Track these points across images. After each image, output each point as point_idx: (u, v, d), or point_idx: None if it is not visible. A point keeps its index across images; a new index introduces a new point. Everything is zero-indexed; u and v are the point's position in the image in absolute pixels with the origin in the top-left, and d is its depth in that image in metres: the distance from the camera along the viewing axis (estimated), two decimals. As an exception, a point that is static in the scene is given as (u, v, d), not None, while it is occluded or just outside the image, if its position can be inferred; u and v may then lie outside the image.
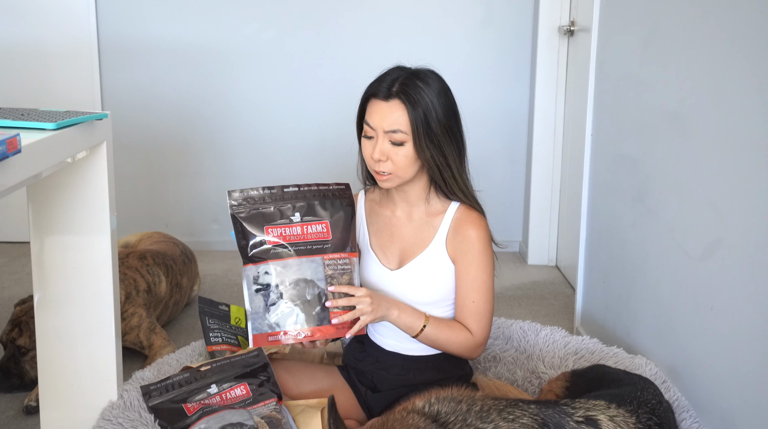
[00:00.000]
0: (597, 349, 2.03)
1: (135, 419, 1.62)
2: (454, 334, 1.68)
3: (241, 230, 1.56)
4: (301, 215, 1.57)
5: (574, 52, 3.29)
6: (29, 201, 1.70)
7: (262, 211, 1.56)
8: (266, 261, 1.54)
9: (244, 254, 1.56)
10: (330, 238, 1.57)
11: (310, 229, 1.56)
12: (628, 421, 1.39)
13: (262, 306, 1.53)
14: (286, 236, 1.55)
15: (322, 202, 1.59)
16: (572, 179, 3.28)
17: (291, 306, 1.52)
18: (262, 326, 1.52)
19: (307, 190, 1.59)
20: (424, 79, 1.65)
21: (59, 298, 1.73)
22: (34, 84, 3.56)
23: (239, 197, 1.57)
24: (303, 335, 1.53)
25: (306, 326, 1.52)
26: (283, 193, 1.58)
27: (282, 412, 1.61)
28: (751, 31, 1.53)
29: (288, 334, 1.52)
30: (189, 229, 3.72)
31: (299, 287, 1.53)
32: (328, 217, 1.58)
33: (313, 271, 1.55)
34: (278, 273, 1.53)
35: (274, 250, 1.54)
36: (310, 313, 1.53)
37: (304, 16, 3.53)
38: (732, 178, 1.60)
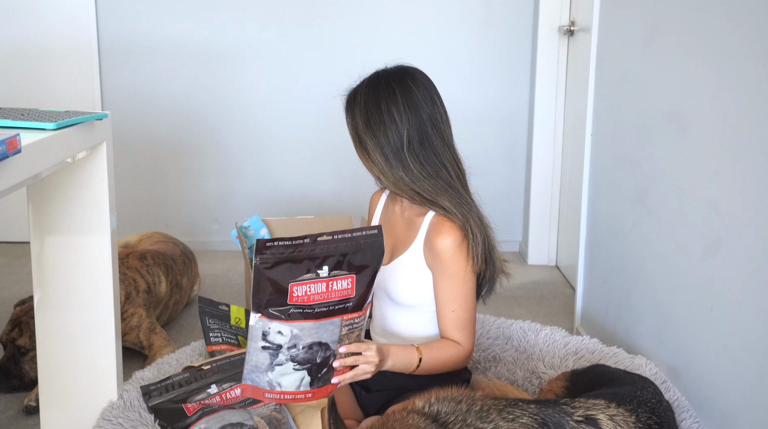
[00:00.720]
0: (597, 349, 2.03)
1: (135, 419, 1.62)
2: (446, 353, 1.65)
3: (259, 282, 1.36)
4: (329, 269, 1.39)
5: (574, 52, 3.29)
6: (29, 201, 1.70)
7: (288, 264, 1.36)
8: (282, 320, 1.37)
9: (257, 304, 1.37)
10: (353, 295, 1.41)
11: (334, 286, 1.39)
12: (628, 420, 1.39)
13: (265, 363, 1.38)
14: (310, 296, 1.37)
15: (353, 253, 1.41)
16: (572, 179, 3.28)
17: (300, 370, 1.40)
18: (260, 381, 1.40)
19: (339, 238, 1.40)
20: (365, 81, 1.71)
21: (59, 298, 1.73)
22: (34, 84, 3.57)
23: (269, 244, 1.36)
24: (302, 397, 1.43)
25: (308, 388, 1.42)
26: (315, 244, 1.38)
27: (282, 412, 1.61)
28: (751, 31, 1.53)
29: (286, 396, 1.41)
30: (189, 229, 3.72)
31: (311, 351, 1.40)
32: (355, 271, 1.41)
33: (329, 334, 1.41)
34: (293, 336, 1.37)
35: (294, 311, 1.36)
36: (316, 376, 1.42)
37: (304, 16, 3.53)
38: (732, 178, 1.60)
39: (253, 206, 3.67)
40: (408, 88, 1.65)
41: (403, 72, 1.68)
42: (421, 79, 1.68)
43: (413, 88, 1.65)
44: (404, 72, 1.68)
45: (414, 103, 1.64)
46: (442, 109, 1.70)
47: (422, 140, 1.64)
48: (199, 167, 3.69)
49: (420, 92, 1.65)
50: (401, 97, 1.63)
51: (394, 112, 1.63)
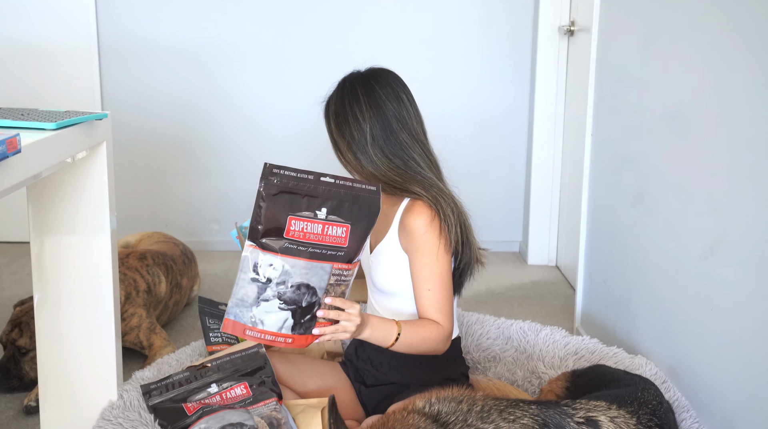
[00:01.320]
0: (597, 349, 2.03)
1: (135, 419, 1.62)
2: (426, 331, 1.66)
3: (260, 209, 1.41)
4: (327, 212, 1.43)
5: (574, 52, 3.29)
6: (29, 201, 1.70)
7: (293, 195, 1.41)
8: (275, 253, 1.40)
9: (253, 234, 1.41)
10: (345, 245, 1.44)
11: (330, 231, 1.43)
12: (629, 422, 1.39)
13: (252, 297, 1.40)
14: (306, 234, 1.41)
15: (351, 203, 1.45)
16: (572, 179, 3.28)
17: (285, 310, 1.41)
18: (243, 316, 1.41)
19: (341, 184, 1.44)
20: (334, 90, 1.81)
21: (59, 298, 1.73)
22: (34, 84, 3.56)
23: (275, 171, 1.42)
24: (282, 341, 1.42)
25: (289, 332, 1.43)
26: (318, 182, 1.43)
27: (282, 412, 1.61)
28: (751, 31, 1.53)
29: (267, 336, 1.41)
30: (189, 229, 3.72)
31: (299, 292, 1.42)
32: (350, 222, 1.45)
33: (318, 279, 1.43)
34: (284, 272, 1.40)
35: (289, 245, 1.40)
36: (299, 321, 1.43)
37: (304, 17, 3.53)
38: (732, 178, 1.60)
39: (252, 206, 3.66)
40: (371, 88, 1.72)
41: (370, 74, 1.76)
42: (386, 79, 1.75)
43: (376, 87, 1.72)
44: (370, 74, 1.76)
45: (376, 102, 1.70)
46: (410, 107, 1.76)
47: (387, 136, 1.70)
48: (199, 167, 3.69)
49: (383, 91, 1.72)
50: (363, 98, 1.71)
51: (357, 113, 1.70)
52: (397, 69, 3.92)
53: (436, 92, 3.61)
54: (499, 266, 3.53)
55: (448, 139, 3.65)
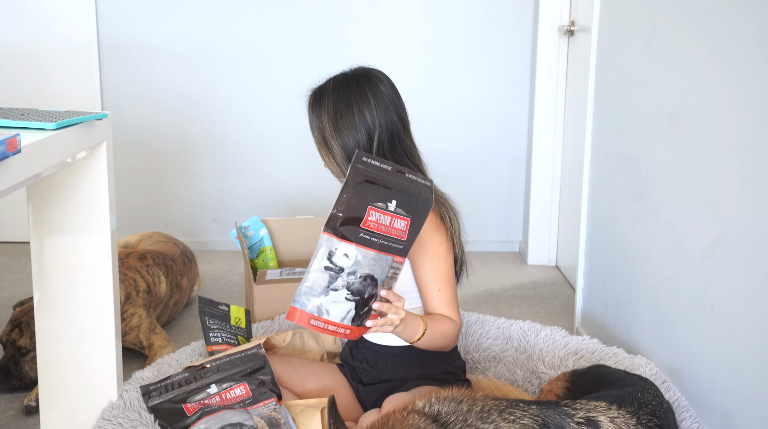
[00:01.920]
0: (597, 349, 2.03)
1: (135, 419, 1.62)
2: (444, 326, 1.68)
3: (343, 197, 1.40)
4: (396, 205, 1.43)
5: (574, 52, 3.29)
6: (29, 201, 1.70)
7: (374, 185, 1.41)
8: (351, 242, 1.40)
9: (332, 221, 1.40)
10: (405, 238, 1.45)
11: (395, 224, 1.43)
12: (629, 422, 1.39)
13: (323, 285, 1.40)
14: (379, 225, 1.41)
15: (415, 197, 1.46)
16: (572, 179, 3.28)
17: (351, 300, 1.41)
18: (309, 304, 1.40)
19: (408, 178, 1.46)
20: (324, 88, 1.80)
21: (59, 298, 1.73)
22: (34, 84, 3.56)
23: (365, 159, 1.43)
24: (342, 331, 1.43)
25: (349, 324, 1.43)
26: (394, 174, 1.43)
27: (282, 413, 1.61)
28: (751, 31, 1.53)
29: (330, 326, 1.41)
30: (189, 229, 3.72)
31: (365, 283, 1.42)
32: (410, 216, 1.46)
33: (381, 271, 1.44)
34: (356, 262, 1.40)
35: (363, 235, 1.40)
36: (359, 312, 1.44)
37: (304, 16, 3.53)
38: (732, 178, 1.60)
39: (252, 206, 3.67)
40: (378, 89, 1.68)
41: (371, 74, 1.71)
42: (388, 81, 1.72)
43: (383, 89, 1.68)
44: (371, 74, 1.71)
45: (385, 105, 1.67)
46: (405, 110, 1.74)
47: (393, 141, 1.68)
48: (199, 167, 3.69)
49: (389, 93, 1.69)
50: (373, 99, 1.66)
51: (366, 115, 1.66)
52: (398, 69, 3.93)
53: (436, 92, 3.61)
54: (499, 266, 3.53)
55: (448, 139, 3.65)
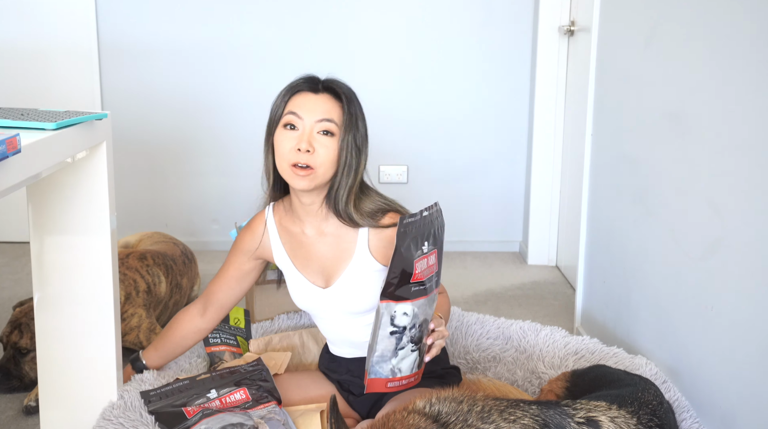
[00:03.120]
0: (597, 349, 2.03)
1: (135, 419, 1.62)
2: (446, 304, 1.72)
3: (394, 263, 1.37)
4: (428, 245, 1.41)
5: (574, 52, 3.29)
6: (29, 201, 1.70)
7: (410, 239, 1.38)
8: (407, 300, 1.39)
9: (388, 289, 1.38)
10: (437, 269, 1.44)
11: (430, 261, 1.42)
12: (629, 422, 1.39)
13: (391, 350, 1.41)
14: (422, 271, 1.40)
15: (436, 228, 1.44)
16: (572, 179, 3.28)
17: (414, 351, 1.42)
18: (383, 370, 1.42)
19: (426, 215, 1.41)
20: (346, 85, 1.68)
21: (59, 298, 1.73)
22: (34, 84, 3.56)
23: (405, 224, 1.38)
24: (414, 380, 1.45)
25: (416, 369, 1.45)
26: (422, 218, 1.40)
27: (282, 414, 1.61)
28: (751, 30, 1.53)
29: (403, 381, 1.43)
30: (189, 229, 3.72)
31: (422, 329, 1.43)
32: (436, 247, 1.44)
33: (430, 309, 1.44)
34: (414, 315, 1.40)
35: (415, 289, 1.40)
36: (420, 356, 1.45)
37: (303, 16, 3.53)
38: (732, 178, 1.60)
39: (252, 206, 3.66)
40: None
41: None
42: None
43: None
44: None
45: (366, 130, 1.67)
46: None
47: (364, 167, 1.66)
48: (199, 167, 3.69)
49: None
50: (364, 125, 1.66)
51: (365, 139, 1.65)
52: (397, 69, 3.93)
53: (435, 92, 3.61)
54: (499, 266, 3.53)
55: (449, 139, 3.65)
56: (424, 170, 3.70)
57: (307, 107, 1.60)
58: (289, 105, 1.63)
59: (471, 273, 3.42)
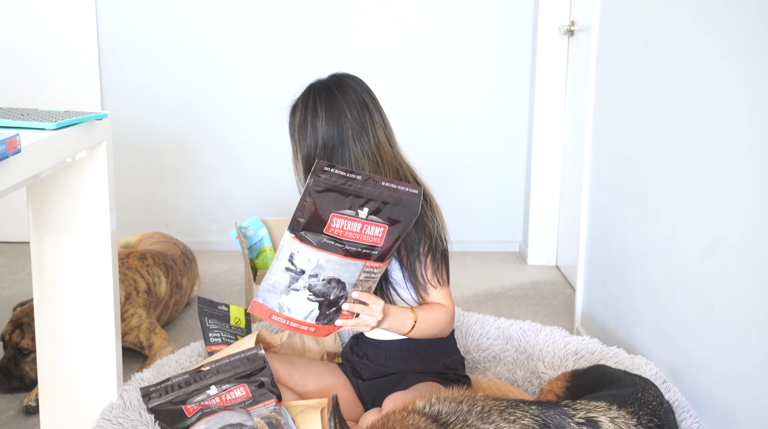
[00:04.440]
0: (597, 349, 2.03)
1: (135, 419, 1.62)
2: (437, 315, 1.69)
3: (305, 203, 1.43)
4: (368, 212, 1.45)
5: (574, 52, 3.29)
6: (29, 201, 1.70)
7: (336, 193, 1.43)
8: (313, 246, 1.42)
9: (294, 225, 1.42)
10: (380, 244, 1.47)
11: (367, 230, 1.45)
12: (629, 422, 1.39)
13: (283, 285, 1.43)
14: (345, 232, 1.43)
15: (393, 204, 1.47)
16: (572, 179, 3.28)
17: (313, 301, 1.44)
18: (271, 301, 1.44)
19: (386, 186, 1.47)
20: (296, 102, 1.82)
21: (59, 298, 1.73)
22: (34, 84, 3.57)
23: (326, 169, 1.44)
24: (305, 329, 1.46)
25: (313, 322, 1.46)
26: (365, 183, 1.45)
27: (282, 413, 1.61)
28: (751, 31, 1.53)
29: (292, 322, 1.45)
30: (189, 229, 3.72)
31: (329, 286, 1.45)
32: (388, 223, 1.47)
33: (350, 275, 1.46)
34: (318, 265, 1.42)
35: (327, 241, 1.42)
36: (324, 312, 1.46)
37: (303, 17, 3.53)
38: (732, 178, 1.60)
39: (253, 206, 3.66)
40: (333, 98, 1.69)
41: (334, 82, 1.73)
42: (350, 86, 1.71)
43: (339, 97, 1.69)
44: (335, 82, 1.73)
45: (337, 116, 1.67)
46: (376, 113, 1.72)
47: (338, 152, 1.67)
48: (199, 167, 3.69)
49: (346, 99, 1.69)
50: (322, 111, 1.69)
51: (317, 126, 1.69)
52: (397, 69, 3.93)
53: (436, 92, 3.61)
54: (499, 266, 3.53)
55: (449, 138, 3.65)
56: (424, 170, 3.66)
57: None
58: None
59: (471, 273, 3.41)
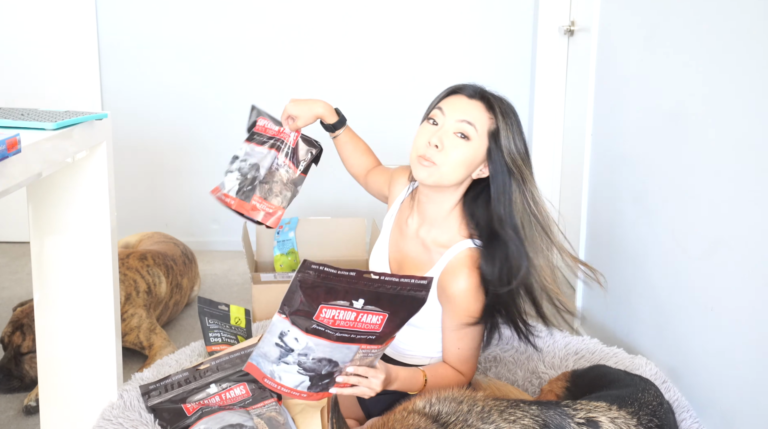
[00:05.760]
0: (597, 349, 2.03)
1: (135, 419, 1.62)
2: (448, 379, 1.65)
3: (293, 293, 1.35)
4: (364, 303, 1.35)
5: (574, 52, 3.29)
6: (29, 201, 1.70)
7: (328, 287, 1.33)
8: (301, 330, 1.35)
9: (284, 307, 1.35)
10: (380, 330, 1.38)
11: (364, 319, 1.35)
12: (629, 422, 1.39)
13: (274, 356, 1.40)
14: (336, 321, 1.34)
15: (394, 296, 1.36)
16: (572, 179, 3.28)
17: (303, 375, 1.41)
18: (264, 367, 1.42)
19: (386, 280, 1.35)
20: (509, 102, 1.69)
21: (59, 298, 1.73)
22: (34, 84, 3.56)
23: (314, 267, 1.33)
24: (297, 394, 1.44)
25: (305, 390, 1.43)
26: (359, 279, 1.34)
27: (282, 413, 1.61)
28: (751, 30, 1.53)
29: (283, 388, 1.42)
30: (189, 229, 3.72)
31: (320, 364, 1.40)
32: (389, 312, 1.37)
33: (342, 356, 1.40)
34: (306, 347, 1.37)
35: (316, 327, 1.35)
36: (317, 384, 1.43)
37: (303, 16, 3.53)
38: (732, 178, 1.60)
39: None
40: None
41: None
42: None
43: None
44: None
45: None
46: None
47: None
48: (199, 167, 3.69)
49: None
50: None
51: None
52: (397, 69, 3.93)
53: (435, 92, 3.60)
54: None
55: (448, 139, 3.65)
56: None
57: (453, 107, 1.63)
58: (441, 102, 1.66)
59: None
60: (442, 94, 1.69)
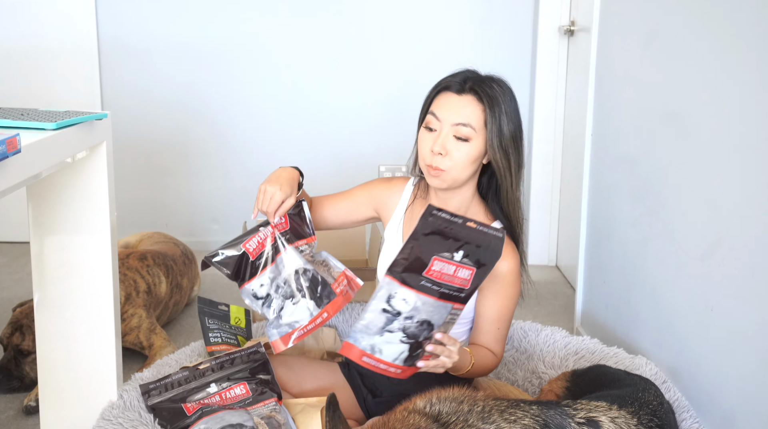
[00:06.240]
0: (597, 349, 2.03)
1: (135, 419, 1.62)
2: (487, 361, 1.68)
3: (410, 246, 1.42)
4: (462, 256, 1.43)
5: (574, 52, 3.29)
6: (29, 201, 1.70)
7: (442, 236, 1.42)
8: (412, 288, 1.40)
9: (395, 267, 1.41)
10: (468, 287, 1.45)
11: (459, 273, 1.43)
12: (630, 422, 1.39)
13: (378, 326, 1.41)
14: (442, 274, 1.42)
15: (483, 247, 1.45)
16: (572, 179, 3.28)
17: (406, 343, 1.42)
18: (363, 341, 1.42)
19: (479, 229, 1.45)
20: (499, 82, 1.67)
21: (59, 298, 1.73)
22: (34, 84, 3.56)
23: (434, 214, 1.45)
24: (393, 371, 1.44)
25: (401, 364, 1.44)
26: (463, 226, 1.44)
27: (282, 413, 1.61)
28: (751, 30, 1.53)
29: (381, 364, 1.43)
30: (189, 229, 3.72)
31: (421, 328, 1.42)
32: (476, 266, 1.45)
33: (439, 316, 1.44)
34: (415, 307, 1.40)
35: (425, 283, 1.41)
36: (412, 354, 1.44)
37: (304, 16, 3.54)
38: (732, 178, 1.60)
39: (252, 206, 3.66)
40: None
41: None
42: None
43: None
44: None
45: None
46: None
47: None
48: (199, 167, 3.69)
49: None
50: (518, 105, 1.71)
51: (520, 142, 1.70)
52: (398, 69, 3.92)
53: (436, 92, 3.60)
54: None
55: (448, 139, 3.65)
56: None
57: (447, 110, 1.63)
58: (432, 105, 1.68)
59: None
60: (431, 93, 1.71)
